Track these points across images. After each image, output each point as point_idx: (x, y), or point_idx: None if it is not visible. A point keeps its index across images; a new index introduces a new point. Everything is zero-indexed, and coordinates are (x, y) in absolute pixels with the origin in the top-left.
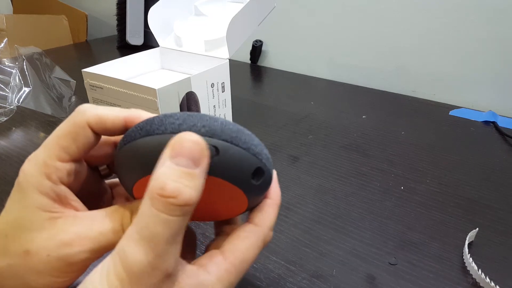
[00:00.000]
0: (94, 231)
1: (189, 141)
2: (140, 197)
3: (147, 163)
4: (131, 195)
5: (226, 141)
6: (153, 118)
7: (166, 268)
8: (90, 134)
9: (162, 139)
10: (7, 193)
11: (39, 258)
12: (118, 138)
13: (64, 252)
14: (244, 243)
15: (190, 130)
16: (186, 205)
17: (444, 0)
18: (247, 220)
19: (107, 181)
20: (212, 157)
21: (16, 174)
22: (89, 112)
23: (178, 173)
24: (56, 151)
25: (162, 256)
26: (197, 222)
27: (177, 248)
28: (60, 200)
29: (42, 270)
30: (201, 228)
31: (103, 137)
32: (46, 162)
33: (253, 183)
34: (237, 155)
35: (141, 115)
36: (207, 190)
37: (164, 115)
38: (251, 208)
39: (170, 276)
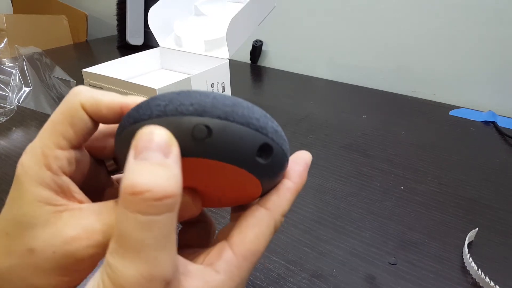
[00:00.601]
0: (101, 224)
1: (147, 134)
2: None
3: None
4: None
5: (220, 118)
6: (141, 102)
7: (164, 276)
8: (85, 117)
9: (149, 125)
10: (7, 193)
11: (44, 256)
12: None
13: (71, 247)
14: (254, 231)
15: (177, 110)
16: (165, 197)
17: (444, 0)
18: (259, 202)
19: (116, 177)
20: (203, 138)
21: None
22: (84, 94)
23: (147, 166)
24: (53, 138)
25: (154, 264)
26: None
27: (171, 250)
28: (63, 192)
29: (48, 269)
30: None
31: (105, 127)
32: (44, 151)
33: (260, 162)
34: (235, 133)
35: (137, 101)
36: (210, 175)
37: (152, 97)
38: (268, 190)
39: (170, 283)
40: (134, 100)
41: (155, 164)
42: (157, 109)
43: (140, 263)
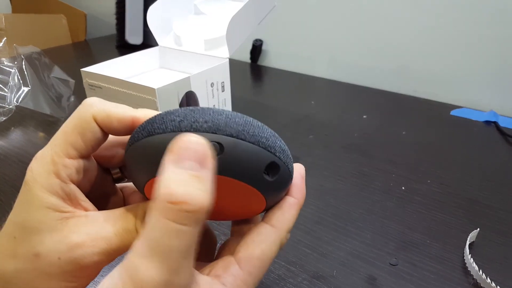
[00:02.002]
0: (107, 232)
1: (189, 142)
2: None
3: (152, 164)
4: (144, 196)
5: (232, 135)
6: (155, 116)
7: (182, 284)
8: (96, 129)
9: (163, 139)
10: (6, 193)
11: (49, 261)
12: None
13: (76, 254)
14: (260, 248)
15: (191, 126)
16: (200, 210)
17: None
18: (263, 219)
19: (121, 185)
20: (217, 154)
21: (14, 174)
22: (96, 107)
23: (185, 176)
24: (63, 147)
25: (177, 271)
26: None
27: (191, 261)
28: (70, 199)
29: (53, 274)
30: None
31: (114, 137)
32: (54, 159)
33: (267, 180)
34: (245, 150)
35: (148, 115)
36: (219, 189)
37: (166, 112)
38: (271, 206)
39: None
40: (145, 113)
41: (193, 176)
42: (172, 124)
43: (164, 269)
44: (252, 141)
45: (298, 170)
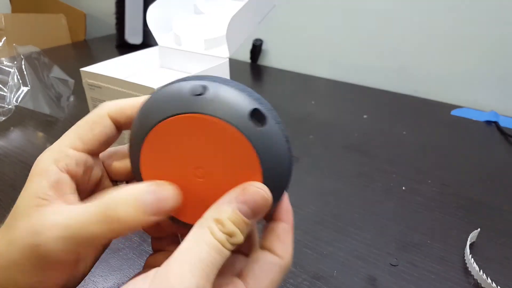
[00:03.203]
0: (70, 219)
1: (258, 194)
2: (147, 171)
3: (165, 104)
4: (138, 173)
5: (216, 82)
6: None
7: None
8: (108, 124)
9: (177, 85)
10: (5, 193)
11: (16, 249)
12: None
13: (33, 240)
14: (269, 278)
15: (179, 79)
16: (235, 244)
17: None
18: (269, 249)
19: None
20: (199, 94)
21: (14, 174)
22: (111, 104)
23: (239, 219)
24: (71, 138)
25: (210, 283)
26: None
27: (214, 278)
28: (56, 188)
29: (20, 263)
30: None
31: (126, 149)
32: (59, 148)
33: (254, 125)
34: (228, 93)
35: None
36: (205, 143)
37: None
38: (273, 187)
39: None
40: None
41: (244, 222)
42: (179, 80)
43: (199, 277)
44: (236, 88)
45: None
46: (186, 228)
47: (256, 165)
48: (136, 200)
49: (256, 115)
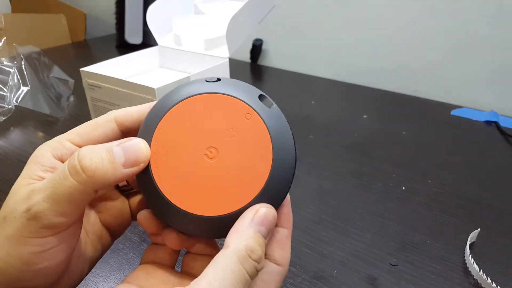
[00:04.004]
0: (51, 181)
1: (271, 215)
2: (158, 153)
3: (176, 95)
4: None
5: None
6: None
7: None
8: (113, 127)
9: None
10: (5, 193)
11: (8, 223)
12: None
13: (26, 205)
14: None
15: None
16: (259, 270)
17: None
18: (269, 255)
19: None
20: (214, 81)
21: (14, 174)
22: (119, 109)
23: (260, 241)
24: (71, 134)
25: None
26: None
27: None
28: (49, 172)
29: (14, 235)
30: None
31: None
32: (57, 140)
33: (263, 104)
34: (239, 83)
35: None
36: (219, 122)
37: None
38: (280, 169)
39: None
40: None
41: (263, 242)
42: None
43: None
44: (245, 83)
45: (286, 198)
46: (131, 195)
47: (268, 143)
48: (105, 150)
49: (264, 99)
